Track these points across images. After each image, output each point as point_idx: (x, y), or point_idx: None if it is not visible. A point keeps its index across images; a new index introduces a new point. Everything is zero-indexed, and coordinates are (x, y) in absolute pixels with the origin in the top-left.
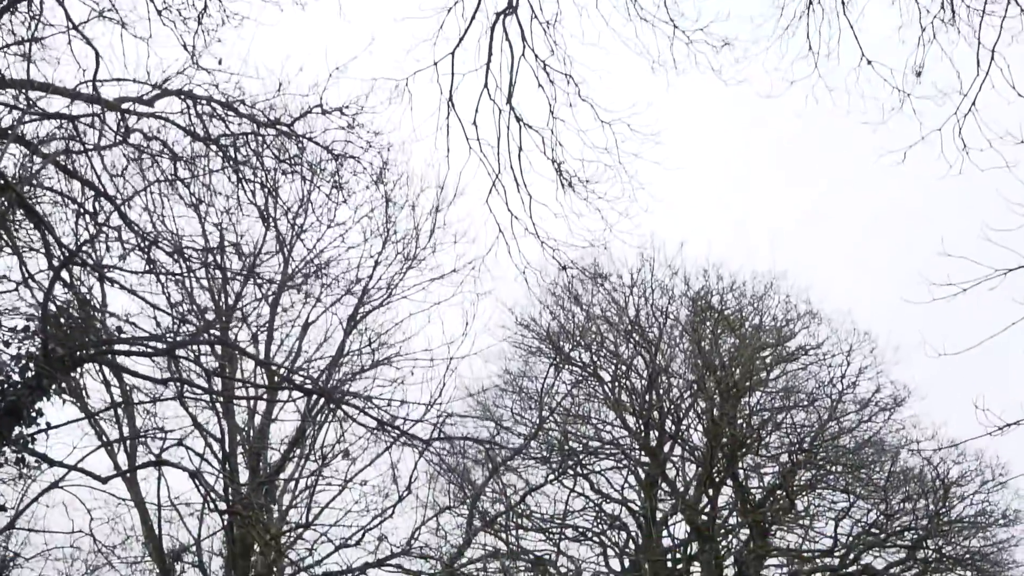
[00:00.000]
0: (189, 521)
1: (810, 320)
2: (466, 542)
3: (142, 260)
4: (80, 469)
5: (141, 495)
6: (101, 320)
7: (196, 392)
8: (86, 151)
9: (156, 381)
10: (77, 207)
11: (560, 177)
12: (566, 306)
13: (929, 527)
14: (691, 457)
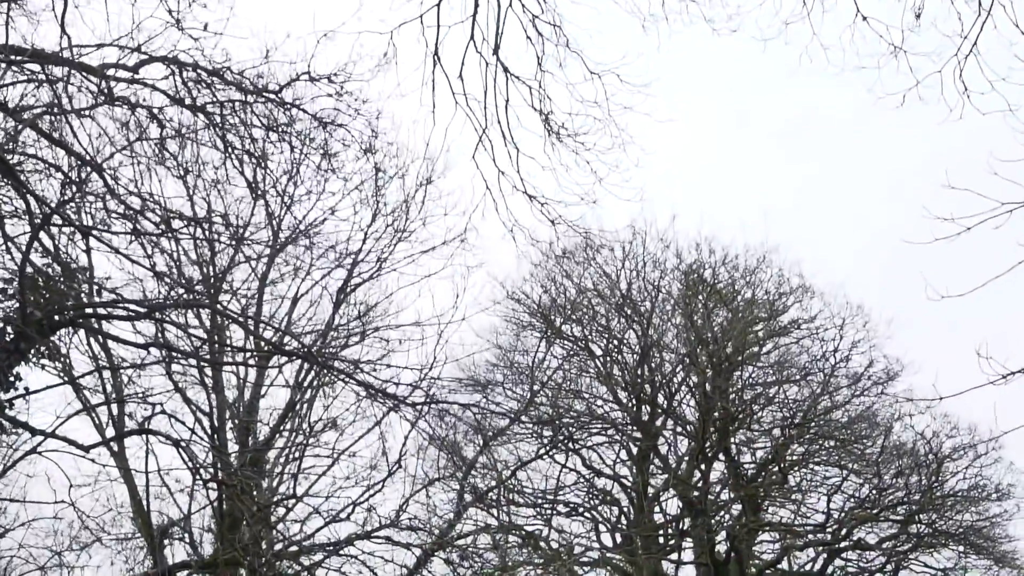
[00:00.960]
0: (179, 497)
1: (803, 294)
2: (457, 516)
3: (128, 230)
4: (59, 436)
5: (130, 471)
6: (81, 283)
7: (181, 357)
8: (65, 113)
9: (138, 346)
10: (63, 176)
11: (548, 128)
12: (557, 280)
13: (922, 501)
14: (683, 431)
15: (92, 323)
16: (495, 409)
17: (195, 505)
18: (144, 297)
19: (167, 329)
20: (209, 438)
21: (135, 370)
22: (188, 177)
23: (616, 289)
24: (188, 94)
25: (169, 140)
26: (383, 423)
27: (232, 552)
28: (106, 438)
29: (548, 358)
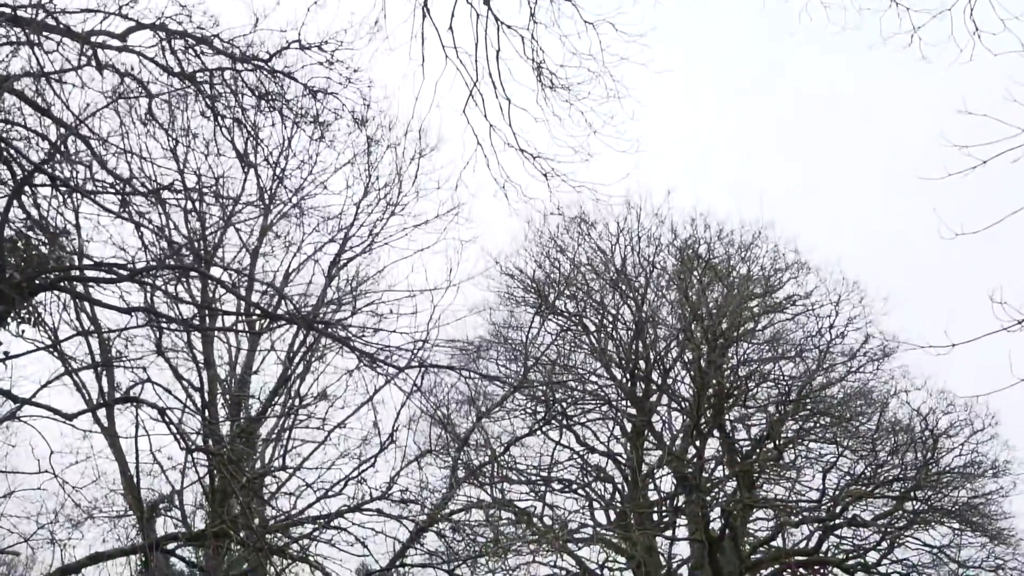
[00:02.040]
0: (171, 474)
1: (798, 270)
2: (449, 490)
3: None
4: (41, 404)
5: (120, 447)
6: (63, 246)
7: (169, 322)
8: (47, 76)
9: (122, 310)
10: (49, 145)
11: (540, 79)
12: (551, 255)
13: (917, 478)
14: (678, 407)
15: (75, 286)
16: (488, 374)
17: (186, 480)
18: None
19: (155, 297)
20: (199, 411)
21: (121, 337)
22: (178, 149)
23: (610, 264)
24: (177, 62)
25: (158, 110)
26: (375, 398)
27: (221, 524)
28: (91, 405)
29: (542, 334)
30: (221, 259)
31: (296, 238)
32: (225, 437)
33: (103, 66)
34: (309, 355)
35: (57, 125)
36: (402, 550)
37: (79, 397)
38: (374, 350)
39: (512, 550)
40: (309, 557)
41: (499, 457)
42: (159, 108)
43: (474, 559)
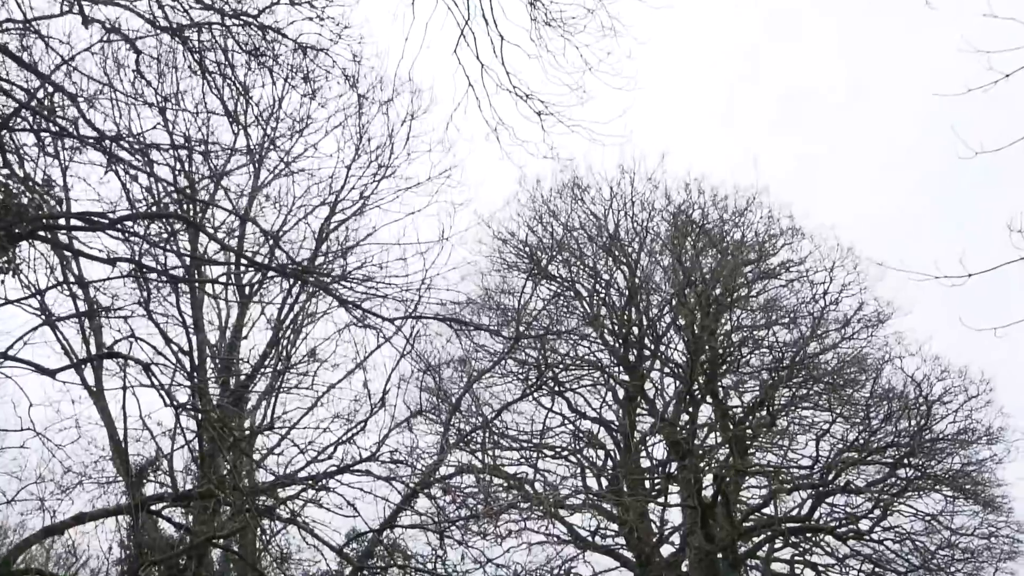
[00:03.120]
0: (161, 440)
1: (792, 235)
2: (441, 452)
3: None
4: (21, 359)
5: (110, 413)
6: (43, 194)
7: (154, 274)
8: (26, 23)
9: (104, 261)
10: (28, 96)
11: (534, 12)
12: (544, 219)
13: (911, 444)
14: (670, 372)
15: (57, 237)
16: (482, 325)
17: (176, 443)
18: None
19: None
20: (188, 374)
21: (106, 294)
22: (168, 111)
23: (603, 230)
24: (164, 15)
25: (145, 68)
26: (366, 363)
27: (208, 485)
28: (75, 361)
29: (534, 299)
30: (211, 218)
31: (287, 201)
32: (214, 398)
33: (88, 19)
34: (299, 317)
35: (42, 81)
36: (394, 514)
37: (66, 356)
38: (364, 298)
39: (504, 515)
40: (298, 519)
41: (491, 422)
42: (147, 67)
43: (465, 521)
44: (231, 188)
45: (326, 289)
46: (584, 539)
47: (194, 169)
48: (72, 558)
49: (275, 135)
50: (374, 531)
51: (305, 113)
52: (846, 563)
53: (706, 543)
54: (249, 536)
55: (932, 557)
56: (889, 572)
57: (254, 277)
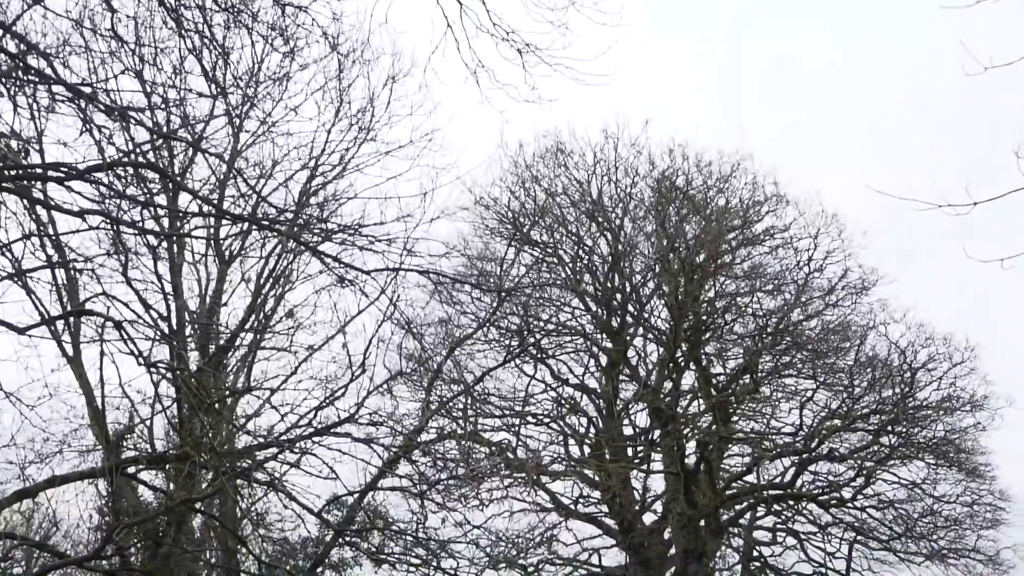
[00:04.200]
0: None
1: (777, 202)
2: (424, 415)
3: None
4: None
5: (88, 381)
6: (8, 143)
7: (126, 225)
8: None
9: (73, 213)
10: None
11: None
12: (527, 184)
13: (895, 412)
14: (653, 337)
15: (26, 188)
16: (467, 279)
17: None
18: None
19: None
20: (164, 334)
21: (82, 260)
22: (145, 72)
23: (587, 195)
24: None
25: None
26: (346, 317)
27: (184, 447)
28: (45, 319)
29: (517, 265)
30: (191, 177)
31: (267, 164)
32: (192, 361)
33: None
34: (280, 280)
35: (18, 41)
36: (375, 478)
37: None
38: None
39: (486, 483)
40: (276, 482)
41: (472, 388)
42: (123, 27)
43: (446, 484)
44: (210, 150)
45: (303, 242)
46: (567, 507)
47: (172, 131)
48: (52, 527)
49: (255, 98)
50: (353, 492)
51: (285, 73)
52: (828, 531)
53: (689, 509)
54: (229, 504)
55: (914, 525)
56: (871, 540)
57: (233, 242)
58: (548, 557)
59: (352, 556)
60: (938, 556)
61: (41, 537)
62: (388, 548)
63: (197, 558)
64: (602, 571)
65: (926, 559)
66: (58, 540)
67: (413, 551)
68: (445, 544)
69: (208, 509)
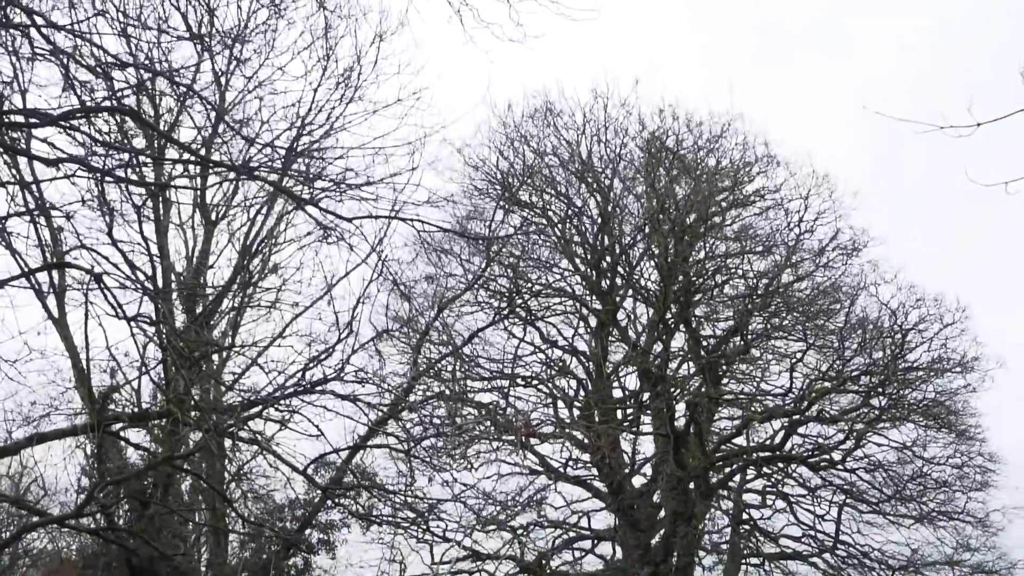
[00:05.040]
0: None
1: (767, 163)
2: (412, 370)
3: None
4: None
5: (74, 344)
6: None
7: (102, 173)
8: None
9: (47, 162)
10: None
11: None
12: (516, 145)
13: (885, 373)
14: (643, 298)
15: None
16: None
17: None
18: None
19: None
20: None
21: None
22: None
23: (576, 156)
24: None
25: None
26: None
27: (167, 404)
28: (25, 271)
29: (505, 226)
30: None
31: (254, 124)
32: (177, 320)
33: None
34: (267, 243)
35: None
36: (363, 439)
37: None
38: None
39: (474, 445)
40: (259, 438)
41: (460, 350)
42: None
43: (434, 443)
44: (194, 107)
45: (289, 192)
46: (555, 470)
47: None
48: (31, 484)
49: (241, 57)
50: (339, 449)
51: (271, 28)
52: (818, 494)
53: (678, 471)
54: (217, 467)
55: (904, 487)
56: (861, 503)
57: (220, 204)
58: (537, 520)
59: (340, 518)
60: (928, 518)
61: (24, 497)
62: (377, 510)
63: (185, 520)
64: (591, 534)
65: (916, 521)
66: (46, 504)
67: (402, 510)
68: (434, 506)
69: (195, 469)
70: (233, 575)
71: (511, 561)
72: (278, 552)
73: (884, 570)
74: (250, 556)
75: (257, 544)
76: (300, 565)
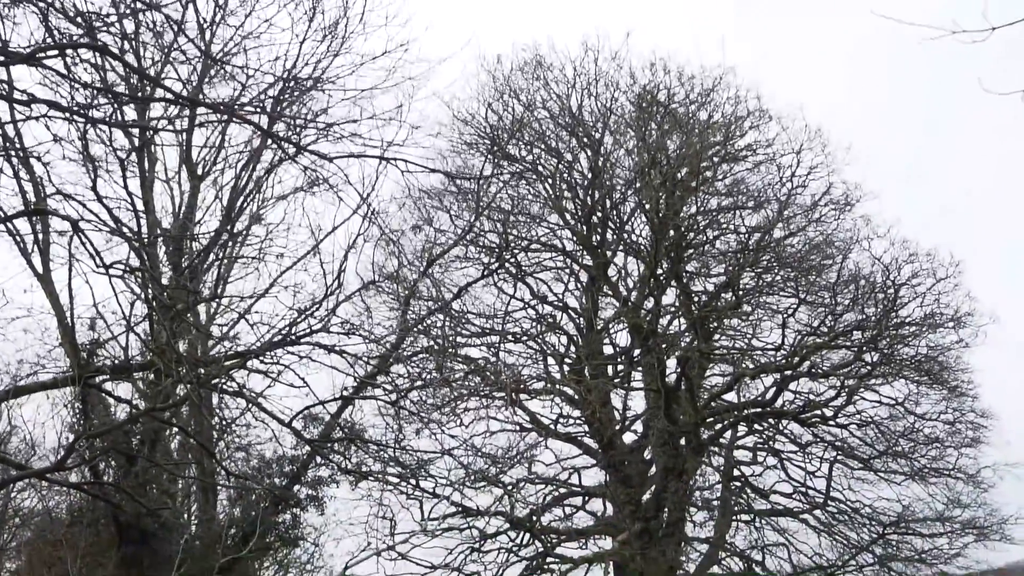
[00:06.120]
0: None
1: (759, 117)
2: (401, 334)
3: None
4: None
5: (60, 302)
6: None
7: (77, 113)
8: None
9: (20, 102)
10: None
11: None
12: (505, 98)
13: (878, 327)
14: (634, 252)
15: None
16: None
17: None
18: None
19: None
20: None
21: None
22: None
23: (566, 110)
24: None
25: None
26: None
27: (149, 355)
28: (2, 216)
29: (495, 181)
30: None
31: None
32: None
33: None
34: (254, 196)
35: None
36: (352, 394)
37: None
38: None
39: (463, 401)
40: (244, 389)
41: (449, 304)
42: None
43: (421, 395)
44: (178, 60)
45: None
46: (546, 427)
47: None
48: (30, 449)
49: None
50: (325, 401)
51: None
52: (809, 450)
53: (669, 426)
54: (205, 423)
55: (895, 443)
56: (852, 459)
57: (206, 157)
58: (527, 476)
59: (329, 475)
60: (919, 475)
61: (6, 452)
62: (366, 467)
63: (173, 477)
64: (582, 490)
65: (907, 478)
66: (34, 462)
67: (391, 465)
68: (424, 463)
69: (183, 425)
70: (221, 532)
71: (501, 517)
72: (266, 508)
73: (874, 526)
74: (239, 513)
75: (245, 500)
76: (289, 521)
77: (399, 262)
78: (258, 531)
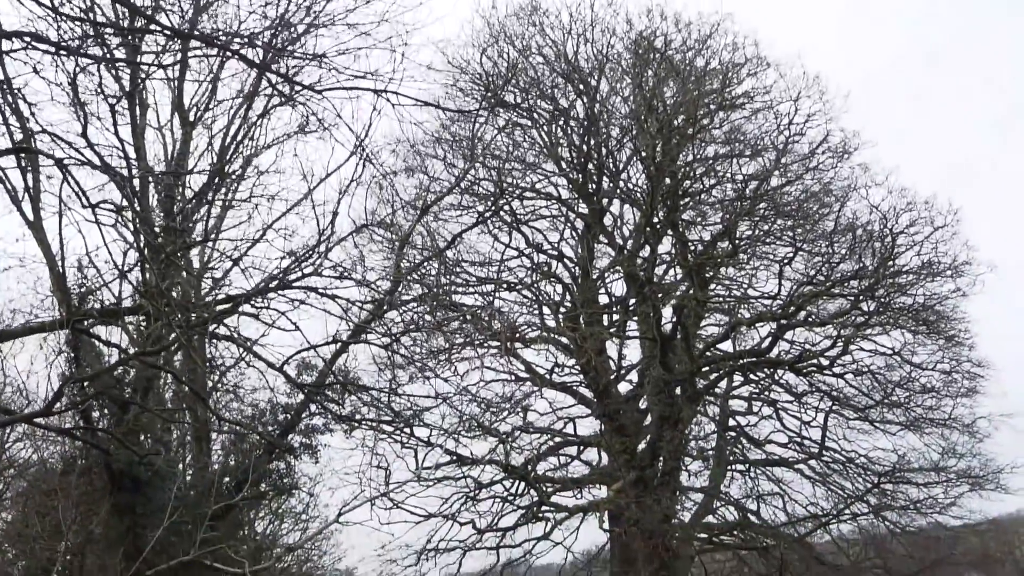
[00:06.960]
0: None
1: (757, 64)
2: (393, 288)
3: None
4: None
5: (50, 247)
6: None
7: (58, 45)
8: None
9: (5, 35)
10: None
11: None
12: (500, 44)
13: (876, 275)
14: (630, 200)
15: None
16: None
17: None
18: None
19: None
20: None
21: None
22: None
23: (562, 56)
24: None
25: None
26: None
27: (139, 299)
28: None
29: (490, 129)
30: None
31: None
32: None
33: None
34: (246, 143)
35: None
36: (346, 342)
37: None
38: None
39: (456, 350)
40: (235, 333)
41: (444, 252)
42: None
43: (417, 340)
44: None
45: (269, 68)
46: (541, 376)
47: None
48: (24, 400)
49: None
50: (317, 346)
51: None
52: (804, 400)
53: (665, 374)
54: (198, 371)
55: (891, 392)
56: (847, 409)
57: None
58: (522, 426)
59: (323, 423)
60: (914, 425)
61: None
62: (360, 415)
63: (167, 425)
64: (577, 440)
65: (902, 428)
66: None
67: (385, 412)
68: (418, 413)
69: (176, 372)
70: (215, 479)
71: (496, 466)
72: (260, 456)
73: (870, 476)
74: (232, 462)
75: (239, 448)
76: (283, 469)
77: (393, 206)
78: (250, 478)
